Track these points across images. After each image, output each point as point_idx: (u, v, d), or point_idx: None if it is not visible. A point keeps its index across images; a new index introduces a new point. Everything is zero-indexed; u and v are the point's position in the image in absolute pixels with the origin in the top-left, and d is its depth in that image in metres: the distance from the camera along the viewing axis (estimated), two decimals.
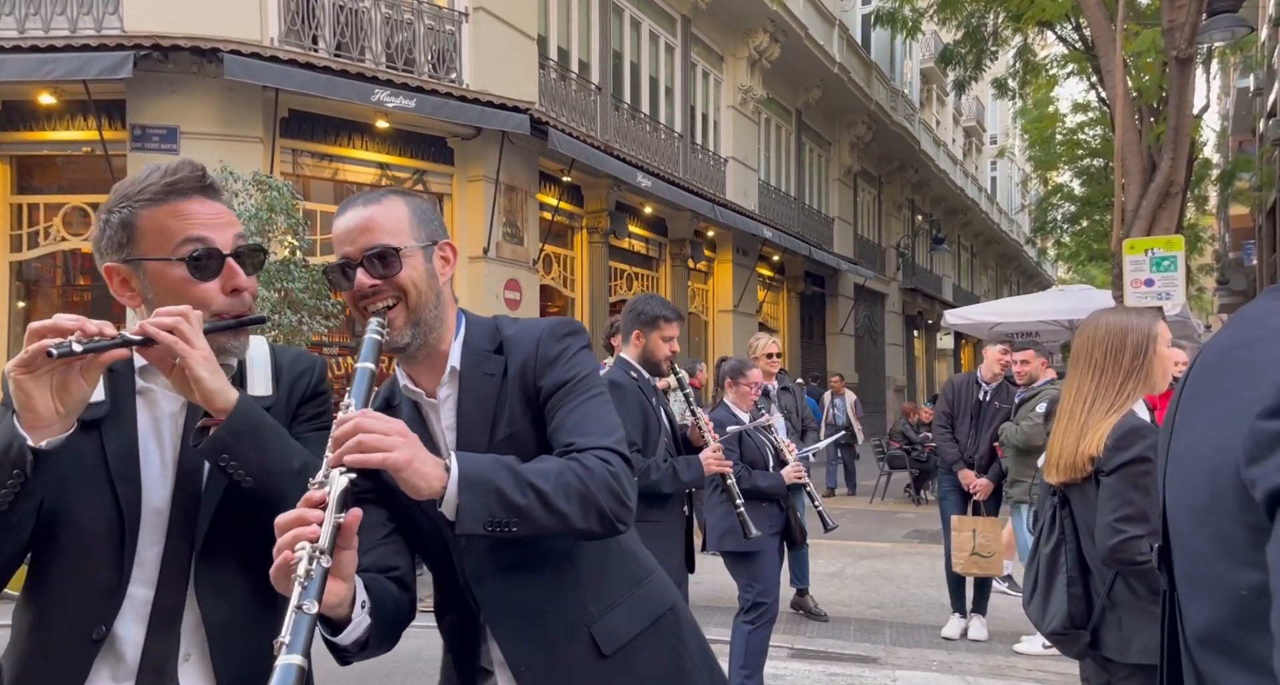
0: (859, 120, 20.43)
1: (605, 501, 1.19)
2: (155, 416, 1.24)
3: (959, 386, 5.18)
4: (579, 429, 1.26)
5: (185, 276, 1.21)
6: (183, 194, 1.23)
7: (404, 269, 1.28)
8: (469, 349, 1.35)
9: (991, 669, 4.51)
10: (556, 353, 1.33)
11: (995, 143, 33.50)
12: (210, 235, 1.23)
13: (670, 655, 1.35)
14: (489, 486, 1.12)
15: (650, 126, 14.04)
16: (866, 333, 22.13)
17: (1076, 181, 19.30)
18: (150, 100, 8.18)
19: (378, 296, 1.28)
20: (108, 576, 1.16)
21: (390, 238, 1.29)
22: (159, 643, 1.17)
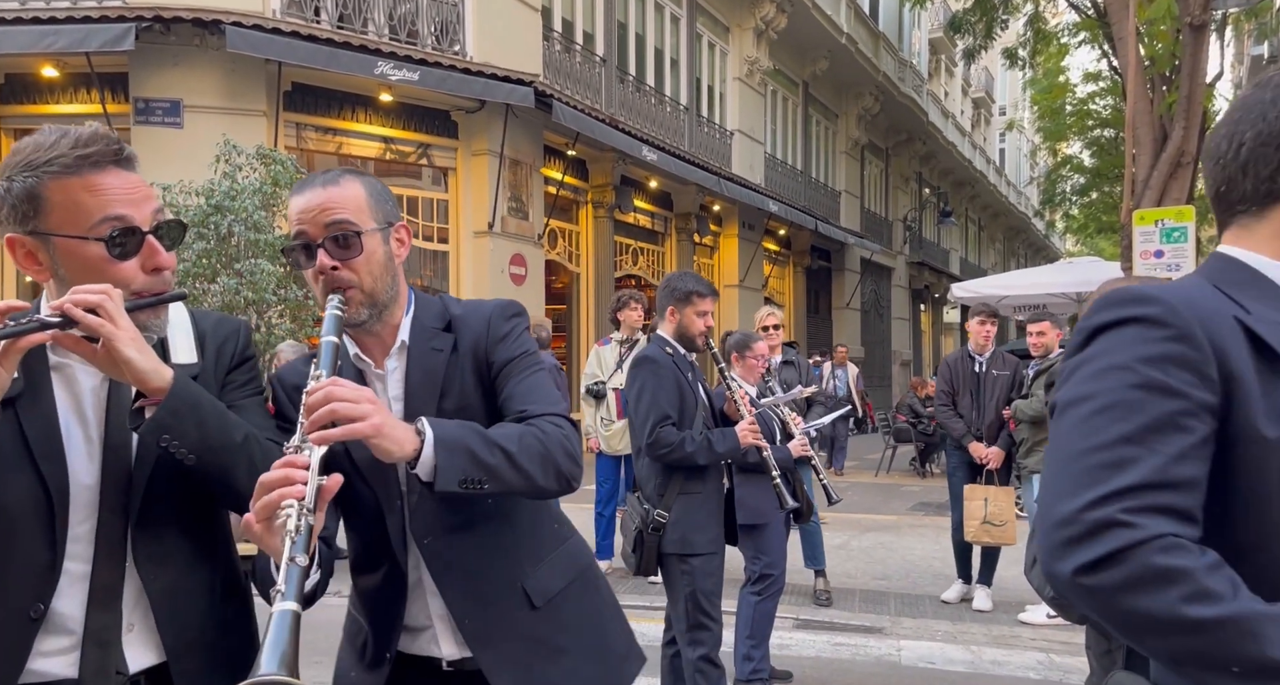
0: (866, 92, 20.18)
1: (562, 462, 1.31)
2: (75, 393, 1.20)
3: (953, 364, 5.20)
4: (530, 398, 1.38)
5: (103, 256, 1.15)
6: (97, 166, 1.15)
7: (363, 251, 1.33)
8: (419, 325, 1.42)
9: (996, 638, 4.55)
10: (506, 331, 1.44)
11: (1004, 114, 33.11)
12: (129, 212, 1.17)
13: (590, 606, 1.51)
14: (461, 447, 1.21)
15: (655, 99, 13.90)
16: (873, 307, 22.06)
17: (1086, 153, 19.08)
18: (153, 73, 8.13)
19: (338, 277, 1.32)
20: (40, 555, 1.14)
21: (350, 219, 1.32)
22: (101, 616, 1.16)
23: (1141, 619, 0.76)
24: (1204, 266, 0.97)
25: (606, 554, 5.75)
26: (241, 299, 6.16)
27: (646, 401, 2.83)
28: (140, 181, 1.21)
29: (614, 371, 5.71)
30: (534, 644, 1.40)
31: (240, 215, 6.21)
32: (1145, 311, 0.86)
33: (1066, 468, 0.83)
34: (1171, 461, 0.79)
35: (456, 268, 10.50)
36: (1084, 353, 0.89)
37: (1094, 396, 0.84)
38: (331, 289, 1.32)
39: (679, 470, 2.85)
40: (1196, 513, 0.80)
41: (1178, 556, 0.76)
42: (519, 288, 10.74)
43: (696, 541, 2.84)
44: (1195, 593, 0.74)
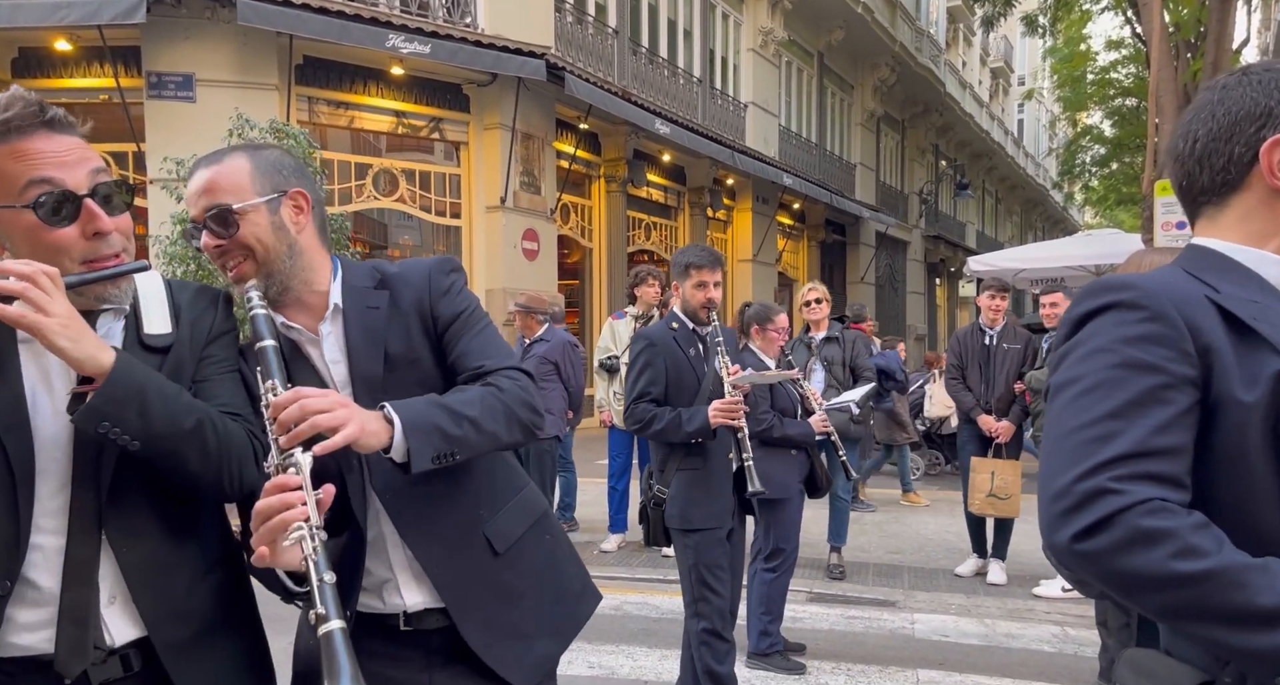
0: (882, 62, 19.85)
1: (523, 414, 1.37)
2: (43, 366, 1.17)
3: (964, 338, 5.17)
4: (484, 353, 1.42)
5: (35, 223, 1.11)
6: (20, 132, 1.11)
7: (243, 227, 1.32)
8: (349, 287, 1.42)
9: (1010, 612, 4.57)
10: (447, 285, 1.46)
11: (1023, 84, 32.51)
12: (58, 175, 1.12)
13: (546, 550, 1.54)
14: (429, 427, 1.25)
15: (669, 71, 13.73)
16: (888, 281, 21.91)
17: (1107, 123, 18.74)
18: (165, 46, 8.10)
19: (225, 255, 1.33)
20: (5, 530, 1.12)
21: (229, 197, 1.32)
22: (77, 591, 1.14)
23: (1135, 578, 0.82)
24: (1178, 258, 1.05)
25: (620, 527, 5.79)
26: None
27: (632, 378, 2.91)
28: (76, 143, 1.16)
29: (628, 346, 5.71)
30: (497, 589, 1.43)
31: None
32: (1123, 297, 0.94)
33: (1059, 445, 0.90)
34: (1154, 432, 0.86)
35: (469, 243, 10.49)
36: (1072, 339, 0.97)
37: (1081, 378, 0.92)
38: (223, 265, 1.34)
39: (677, 446, 2.88)
40: (1183, 478, 0.87)
41: (1164, 518, 0.82)
42: (532, 263, 10.73)
43: (695, 517, 2.86)
44: (1182, 550, 0.80)
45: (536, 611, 1.46)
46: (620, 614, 4.53)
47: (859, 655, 3.94)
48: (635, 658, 3.90)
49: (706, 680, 2.87)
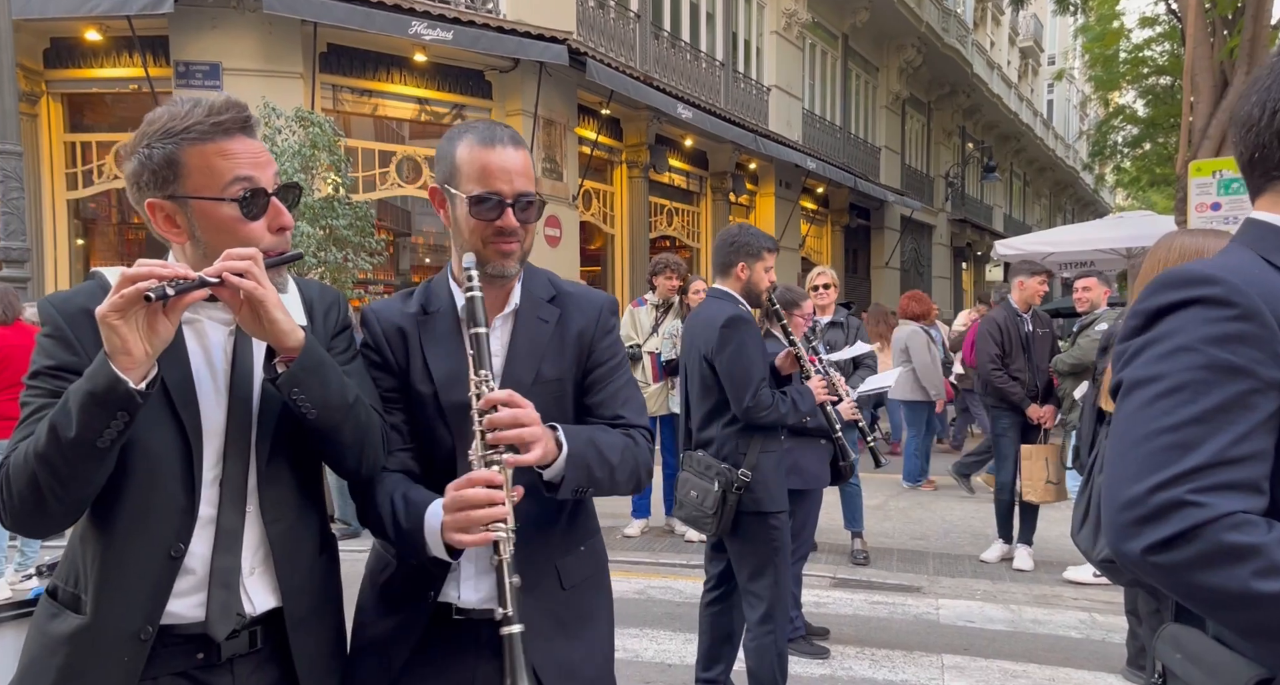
0: (908, 43, 19.52)
1: (644, 476, 1.52)
2: (205, 346, 1.27)
3: (1004, 324, 4.97)
4: (627, 406, 1.54)
5: (236, 216, 1.22)
6: (228, 133, 1.22)
7: (538, 218, 1.46)
8: (528, 294, 1.51)
9: (1037, 598, 4.53)
10: (611, 327, 1.57)
11: (1053, 63, 31.83)
12: (256, 174, 1.24)
13: (599, 603, 1.57)
14: (584, 462, 1.37)
15: (691, 55, 13.62)
16: (913, 265, 21.66)
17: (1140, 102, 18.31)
18: (193, 36, 8.18)
19: (511, 238, 1.42)
20: (181, 498, 1.22)
21: (534, 188, 1.44)
22: (225, 558, 1.23)
23: (1214, 594, 0.79)
24: (1245, 235, 0.97)
25: (643, 513, 5.82)
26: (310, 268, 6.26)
27: (745, 362, 2.77)
28: (262, 147, 1.28)
29: (649, 335, 5.71)
30: (553, 619, 1.45)
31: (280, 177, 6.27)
32: (1208, 292, 0.87)
33: (1134, 450, 0.86)
34: (1238, 440, 0.82)
35: None
36: (1149, 334, 0.91)
37: (1160, 378, 0.87)
38: (500, 246, 1.41)
39: (758, 430, 2.82)
40: (1262, 483, 0.83)
41: (1247, 533, 0.78)
42: (554, 249, 10.74)
43: (779, 498, 2.85)
44: (1266, 568, 0.77)
45: (592, 657, 1.49)
46: (644, 598, 4.56)
47: (883, 641, 3.94)
48: (659, 641, 3.93)
49: (778, 662, 2.86)
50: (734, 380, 2.78)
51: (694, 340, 2.95)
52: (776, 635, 2.85)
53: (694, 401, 2.99)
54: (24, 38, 7.65)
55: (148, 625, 1.19)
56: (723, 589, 3.11)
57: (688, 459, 2.95)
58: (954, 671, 3.58)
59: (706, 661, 3.11)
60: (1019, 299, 5.02)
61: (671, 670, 3.60)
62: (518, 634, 1.11)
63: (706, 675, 3.10)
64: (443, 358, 1.44)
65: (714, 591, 3.14)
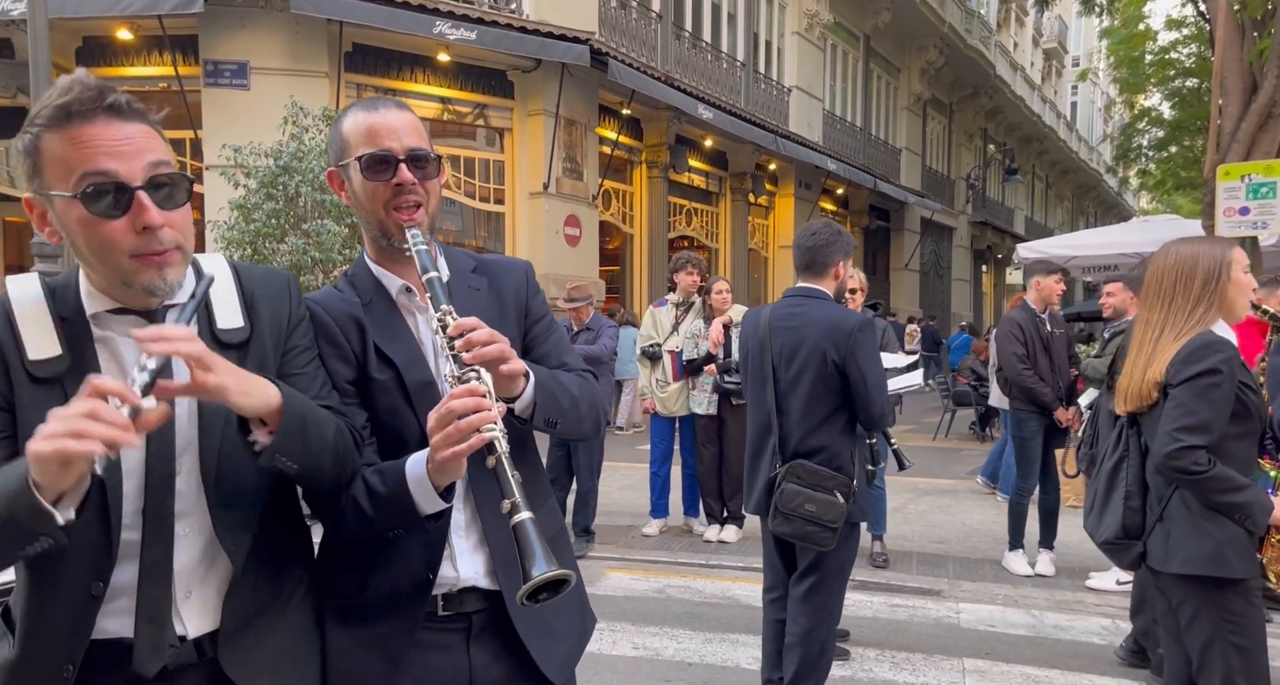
0: (930, 44, 19.43)
1: (602, 413, 1.52)
2: (120, 366, 1.14)
3: (1025, 325, 4.89)
4: (567, 354, 1.54)
5: (84, 216, 1.05)
6: (82, 117, 1.05)
7: (438, 175, 1.41)
8: (454, 267, 1.48)
9: (1059, 603, 4.50)
10: (538, 287, 1.58)
11: (1078, 65, 31.52)
12: (113, 166, 1.05)
13: (571, 563, 1.50)
14: (549, 390, 1.35)
15: (712, 55, 13.62)
16: (933, 268, 21.54)
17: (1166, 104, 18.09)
18: (221, 35, 8.29)
19: (411, 194, 1.36)
20: (96, 536, 1.10)
21: (427, 146, 1.38)
22: (151, 590, 1.14)
23: None
24: None
25: (661, 512, 5.83)
26: (309, 258, 6.32)
27: (880, 368, 2.75)
28: (138, 131, 1.08)
29: (670, 334, 5.72)
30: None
31: (307, 176, 6.35)
32: None
33: None
34: None
35: (512, 228, 10.57)
36: None
37: None
38: (399, 204, 1.35)
39: (857, 437, 2.82)
40: None
41: None
42: (574, 248, 10.78)
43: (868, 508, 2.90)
44: None
45: (565, 615, 1.48)
46: (663, 597, 4.57)
47: (903, 643, 3.93)
48: (679, 640, 3.94)
49: (827, 668, 2.88)
50: (872, 386, 2.68)
51: (804, 341, 2.76)
52: (831, 640, 2.90)
53: (800, 406, 2.77)
54: (58, 36, 7.79)
55: (68, 664, 1.12)
56: (782, 591, 3.05)
57: (795, 470, 2.76)
58: (975, 676, 3.57)
59: (773, 661, 3.07)
60: (1036, 299, 4.97)
61: (691, 669, 3.62)
62: (528, 519, 1.07)
63: (774, 676, 3.07)
64: (395, 341, 1.39)
65: (775, 595, 3.07)
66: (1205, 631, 2.02)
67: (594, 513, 5.43)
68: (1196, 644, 2.05)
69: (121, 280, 1.10)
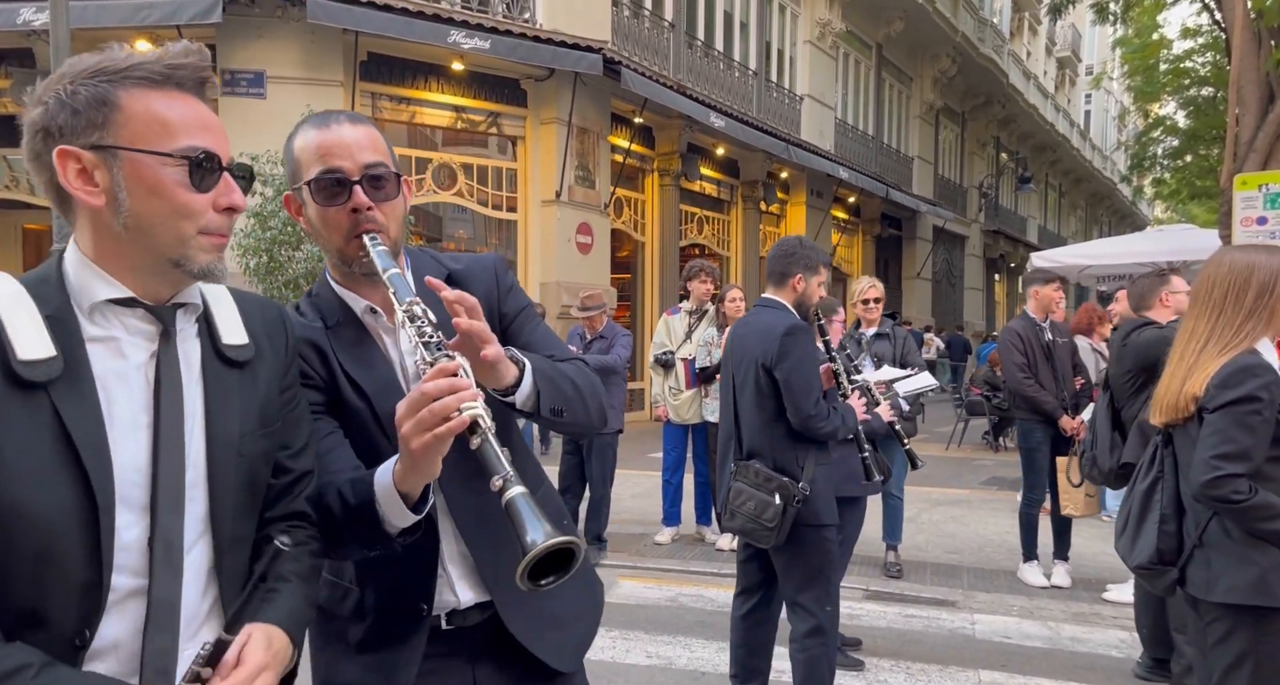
0: (943, 53, 19.41)
1: (603, 400, 1.43)
2: (118, 370, 0.98)
3: (1026, 335, 4.86)
4: (551, 346, 1.46)
5: (182, 181, 0.99)
6: (182, 85, 1.02)
7: (397, 195, 1.31)
8: (421, 279, 1.35)
9: (1075, 615, 4.46)
10: (511, 282, 1.49)
11: (1091, 73, 31.41)
12: (214, 141, 1.03)
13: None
14: (549, 377, 1.28)
15: (724, 64, 13.66)
16: (945, 276, 21.47)
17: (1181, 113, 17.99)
18: (239, 45, 8.38)
19: (372, 218, 1.27)
20: (83, 571, 0.93)
21: (385, 161, 1.29)
22: (160, 637, 0.97)
23: None
24: None
25: (674, 520, 5.82)
26: (323, 266, 6.37)
27: (807, 372, 2.76)
28: (217, 118, 1.07)
29: (683, 341, 5.72)
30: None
31: None
32: None
33: None
34: None
35: (524, 236, 10.61)
36: None
37: None
38: (358, 232, 1.26)
39: (812, 442, 2.82)
40: None
41: None
42: (585, 256, 10.80)
43: (832, 511, 2.85)
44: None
45: (570, 600, 1.46)
46: (676, 606, 4.56)
47: (918, 654, 3.90)
48: (692, 649, 3.92)
49: (829, 674, 2.85)
50: (796, 389, 2.74)
51: (748, 348, 2.88)
52: (827, 647, 2.84)
53: (747, 411, 2.90)
54: (79, 47, 7.85)
55: None
56: (757, 599, 3.10)
57: (742, 470, 2.87)
58: None
59: (745, 674, 3.10)
60: (1035, 308, 4.95)
61: (704, 678, 3.60)
62: (520, 494, 0.99)
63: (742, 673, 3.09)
64: (367, 368, 1.31)
65: (749, 603, 3.12)
66: (1234, 652, 1.97)
67: (606, 520, 5.42)
68: (1222, 663, 2.00)
69: (174, 258, 1.00)
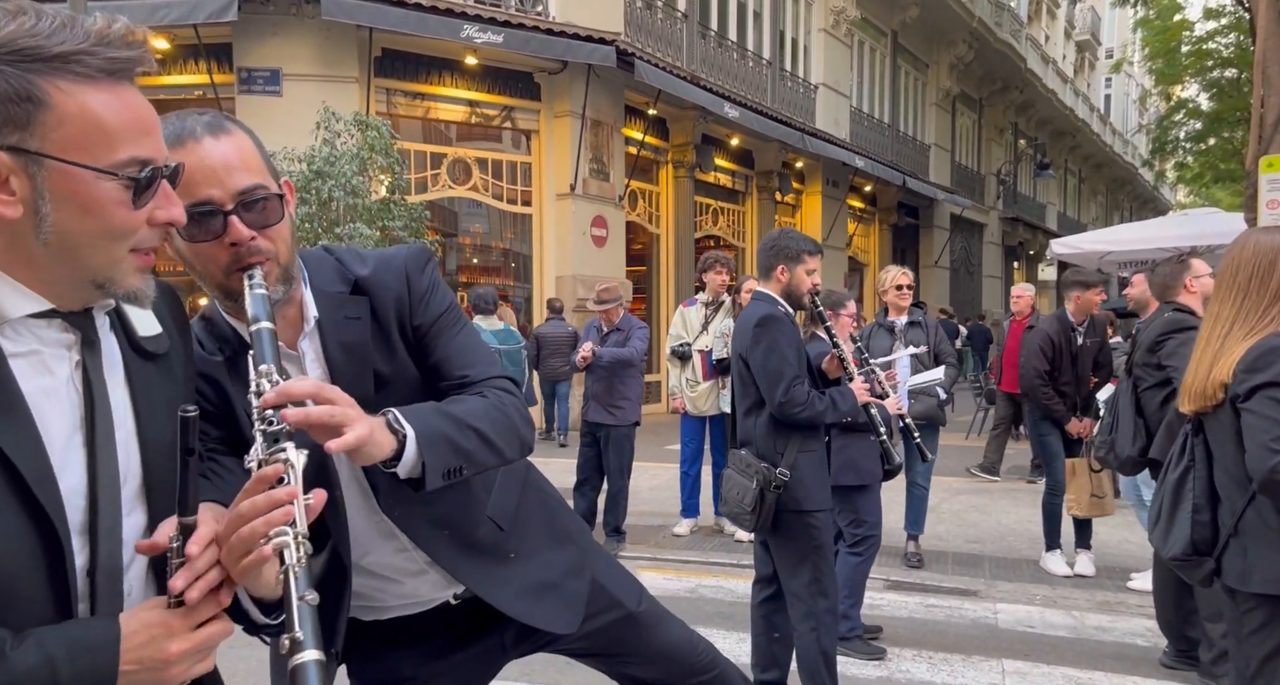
0: (959, 39, 19.19)
1: (525, 432, 1.30)
2: (45, 387, 0.87)
3: (1056, 339, 4.77)
4: (467, 360, 1.31)
5: (121, 199, 0.86)
6: (120, 77, 0.85)
7: (284, 220, 1.14)
8: (321, 294, 1.24)
9: (1100, 604, 4.42)
10: (427, 285, 1.31)
11: (1111, 57, 30.95)
12: (154, 149, 0.88)
13: (539, 505, 1.53)
14: (440, 437, 1.14)
15: (738, 54, 13.58)
16: (963, 265, 21.28)
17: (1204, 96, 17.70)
18: (255, 43, 8.44)
19: (256, 248, 1.10)
20: (48, 607, 0.85)
21: (261, 180, 1.11)
22: None
23: None
24: None
25: (692, 512, 5.82)
26: None
27: (776, 360, 2.80)
28: (151, 108, 0.90)
29: (699, 333, 5.71)
30: (513, 557, 1.43)
31: (339, 181, 6.44)
32: None
33: None
34: None
35: (539, 230, 10.63)
36: None
37: None
38: (243, 265, 1.09)
39: (797, 428, 2.85)
40: None
41: None
42: (600, 249, 10.80)
43: (818, 498, 2.85)
44: None
45: (553, 562, 1.49)
46: (696, 597, 4.56)
47: (940, 644, 3.88)
48: (713, 639, 3.88)
49: (821, 661, 2.86)
50: (765, 377, 2.82)
51: (735, 341, 3.04)
52: (820, 633, 2.85)
53: (736, 400, 3.05)
54: None
55: None
56: (773, 589, 3.10)
57: (732, 456, 2.98)
58: (1016, 677, 3.52)
59: (764, 663, 3.11)
60: (1074, 310, 4.86)
61: None
62: (311, 663, 0.81)
63: (765, 677, 3.09)
64: None
65: (765, 591, 3.13)
66: (1273, 642, 1.94)
67: (624, 513, 5.44)
68: (1258, 653, 1.97)
69: (98, 280, 0.88)
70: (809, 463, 2.85)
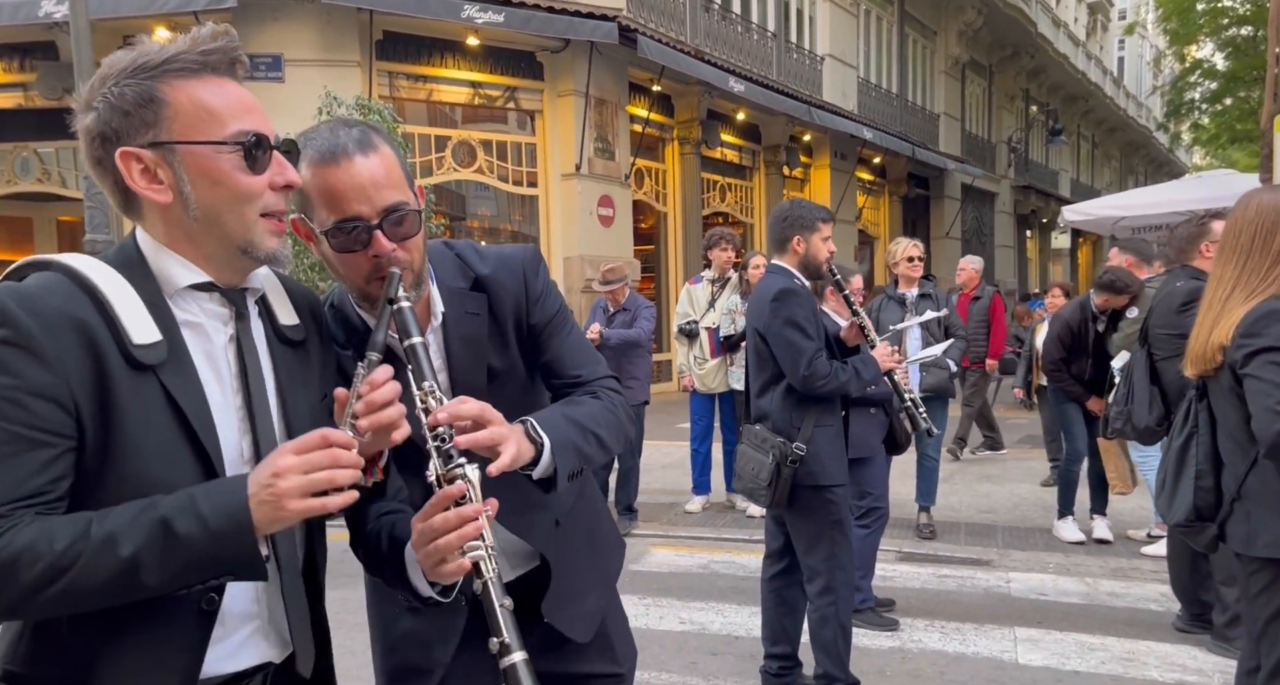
0: (968, 4, 18.84)
1: (629, 428, 1.40)
2: (208, 352, 1.04)
3: (1076, 328, 4.74)
4: (579, 361, 1.42)
5: (238, 166, 1.01)
6: (217, 70, 1.03)
7: (419, 230, 1.23)
8: (446, 290, 1.33)
9: (1114, 571, 4.42)
10: (541, 288, 1.41)
11: (1124, 18, 30.33)
12: (259, 123, 1.04)
13: (591, 508, 1.57)
14: (569, 446, 1.25)
15: (742, 26, 13.40)
16: (975, 235, 21.07)
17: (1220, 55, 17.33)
18: (255, 29, 8.40)
19: (397, 259, 1.19)
20: None
21: (402, 194, 1.21)
22: (296, 603, 1.09)
23: None
24: None
25: (704, 489, 5.85)
26: None
27: (796, 334, 2.76)
28: (254, 96, 1.07)
29: (706, 310, 5.70)
30: (564, 554, 1.46)
31: None
32: None
33: None
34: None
35: (546, 211, 10.60)
36: None
37: None
38: (381, 273, 1.18)
39: (814, 402, 2.82)
40: None
41: None
42: (607, 229, 10.77)
43: (836, 472, 2.84)
44: None
45: (585, 571, 1.50)
46: (708, 572, 4.60)
47: (953, 613, 3.90)
48: (725, 614, 3.97)
49: (839, 634, 2.87)
50: (786, 351, 2.77)
51: (751, 315, 2.98)
52: (838, 607, 2.86)
53: (752, 375, 3.00)
54: (99, 37, 7.93)
55: None
56: (784, 563, 3.11)
57: (746, 432, 2.95)
58: (1027, 645, 3.53)
59: (774, 637, 3.13)
60: (1100, 303, 4.78)
61: (738, 642, 3.64)
62: (520, 663, 0.95)
63: (775, 650, 3.12)
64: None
65: (776, 566, 3.14)
66: (1275, 605, 1.94)
67: (636, 490, 5.47)
68: (1263, 614, 1.98)
69: (241, 245, 1.03)
70: (826, 437, 2.82)
